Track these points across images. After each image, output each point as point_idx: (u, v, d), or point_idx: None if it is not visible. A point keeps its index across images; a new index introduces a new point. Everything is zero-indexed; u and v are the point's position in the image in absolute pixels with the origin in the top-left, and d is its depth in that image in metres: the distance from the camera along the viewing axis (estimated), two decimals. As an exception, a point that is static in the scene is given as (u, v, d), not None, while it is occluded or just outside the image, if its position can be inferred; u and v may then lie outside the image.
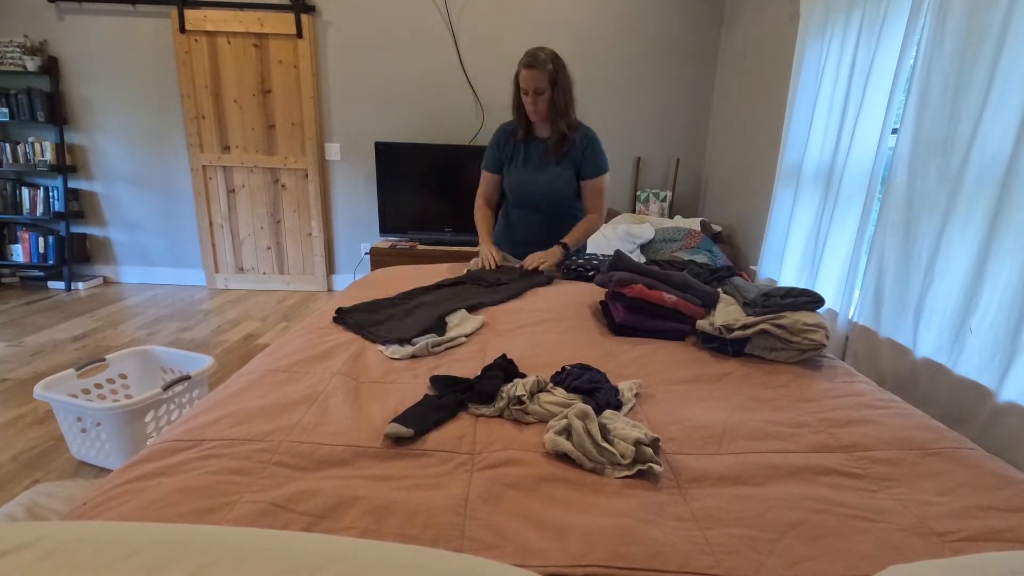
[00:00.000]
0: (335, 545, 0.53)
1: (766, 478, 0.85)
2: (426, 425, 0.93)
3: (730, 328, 1.33)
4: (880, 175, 2.03)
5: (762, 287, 1.41)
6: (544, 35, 3.61)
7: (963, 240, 1.65)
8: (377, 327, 1.40)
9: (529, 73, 1.83)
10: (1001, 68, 1.53)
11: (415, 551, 0.54)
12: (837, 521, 0.75)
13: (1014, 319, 1.46)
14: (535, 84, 1.84)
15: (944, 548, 0.71)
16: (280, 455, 0.85)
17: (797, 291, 1.35)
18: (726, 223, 3.46)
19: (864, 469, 0.89)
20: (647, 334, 1.45)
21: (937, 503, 0.81)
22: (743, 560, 0.68)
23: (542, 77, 1.83)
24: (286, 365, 1.18)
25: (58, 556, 0.48)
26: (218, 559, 0.49)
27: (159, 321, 3.21)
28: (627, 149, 3.86)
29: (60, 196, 3.74)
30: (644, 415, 1.04)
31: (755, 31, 3.19)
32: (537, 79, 1.83)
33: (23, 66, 3.50)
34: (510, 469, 0.84)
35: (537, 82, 1.83)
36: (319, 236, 3.94)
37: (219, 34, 3.58)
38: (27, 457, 1.80)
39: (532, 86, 1.84)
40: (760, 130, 3.07)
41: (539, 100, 1.88)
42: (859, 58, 2.14)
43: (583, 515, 0.74)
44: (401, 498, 0.76)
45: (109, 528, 0.54)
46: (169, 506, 0.72)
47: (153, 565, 0.48)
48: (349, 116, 3.79)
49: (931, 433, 1.00)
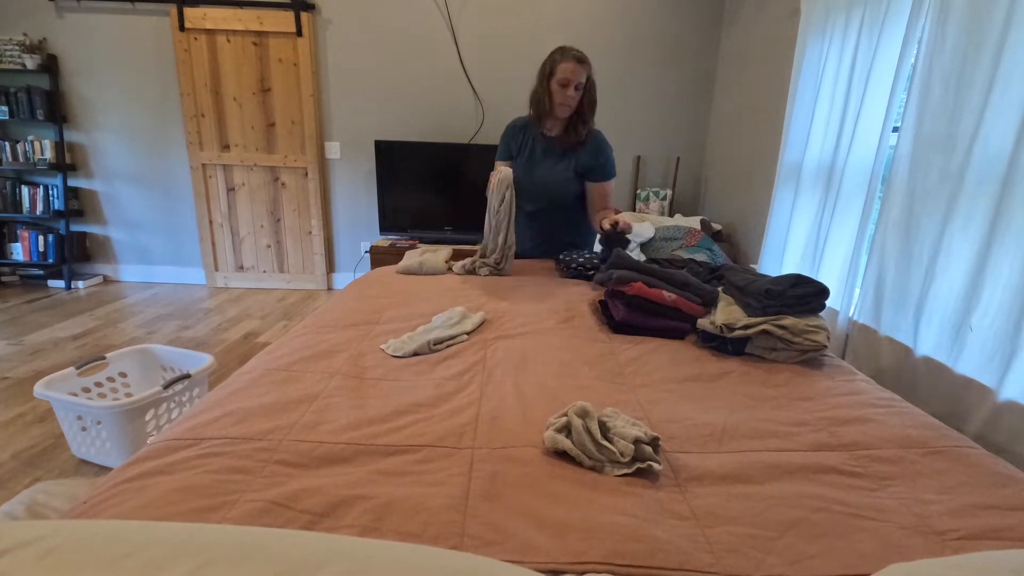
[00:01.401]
0: (335, 543, 0.53)
1: (766, 476, 0.85)
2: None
3: (731, 327, 1.32)
4: (881, 173, 2.03)
5: (759, 278, 1.40)
6: (545, 33, 3.61)
7: (964, 238, 1.64)
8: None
9: (579, 67, 1.88)
10: (1002, 66, 1.52)
11: (415, 549, 0.54)
12: (837, 519, 0.75)
13: (1014, 318, 1.46)
14: (580, 78, 1.89)
15: (944, 547, 0.71)
16: (280, 453, 0.85)
17: (802, 283, 1.33)
18: (726, 221, 3.46)
19: (864, 467, 0.89)
20: (647, 332, 1.45)
21: (937, 501, 0.81)
22: (743, 558, 0.68)
23: (585, 73, 1.90)
24: (286, 364, 1.18)
25: (58, 555, 0.48)
26: (218, 558, 0.49)
27: (159, 320, 3.21)
28: (627, 148, 3.86)
29: (60, 195, 3.74)
30: (644, 413, 1.04)
31: (755, 29, 3.18)
32: (582, 73, 1.89)
33: (22, 64, 3.50)
34: (510, 467, 0.84)
35: (581, 76, 1.89)
36: (319, 235, 3.94)
37: (219, 32, 3.58)
38: (27, 455, 1.80)
39: (577, 79, 1.89)
40: (760, 128, 3.07)
41: (578, 95, 1.93)
42: (860, 56, 2.14)
43: (583, 512, 0.74)
44: (401, 496, 0.76)
45: (109, 527, 0.54)
46: (169, 504, 0.72)
47: (153, 564, 0.48)
48: (349, 114, 3.79)
49: (931, 431, 1.00)
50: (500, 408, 1.03)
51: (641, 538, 0.70)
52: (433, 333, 1.35)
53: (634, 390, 1.15)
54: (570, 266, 1.99)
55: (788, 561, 0.68)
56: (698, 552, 0.69)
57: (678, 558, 0.67)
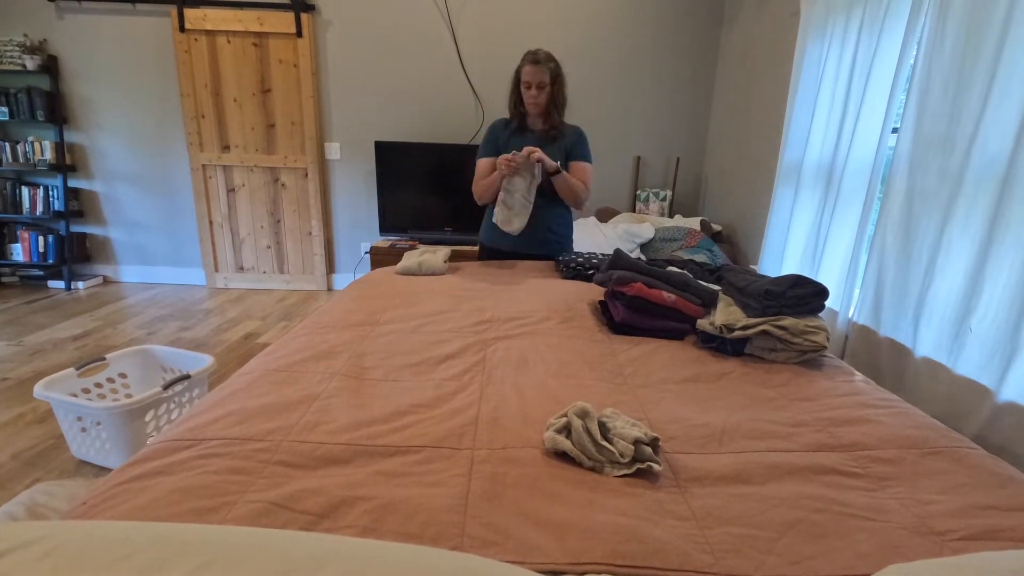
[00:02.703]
0: (334, 544, 0.53)
1: (766, 477, 0.85)
2: None
3: (731, 328, 1.33)
4: (880, 174, 2.03)
5: (759, 279, 1.40)
6: (544, 33, 3.61)
7: (963, 239, 1.64)
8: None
9: (534, 68, 2.02)
10: (1002, 67, 1.52)
11: (413, 550, 0.54)
12: (837, 520, 0.75)
13: (1014, 318, 1.46)
14: (539, 78, 2.02)
15: (943, 547, 0.71)
16: (280, 454, 0.85)
17: (801, 284, 1.33)
18: (726, 222, 3.46)
19: (864, 468, 0.89)
20: (647, 333, 1.45)
21: (937, 502, 0.81)
22: (743, 559, 0.68)
23: (545, 73, 2.02)
24: (286, 364, 1.18)
25: (58, 556, 0.48)
26: (217, 558, 0.49)
27: (159, 320, 3.21)
28: (627, 148, 3.86)
29: (60, 195, 3.74)
30: (644, 414, 1.04)
31: (755, 29, 3.19)
32: (540, 74, 2.02)
33: (23, 65, 3.50)
34: (510, 468, 0.84)
35: (540, 76, 2.02)
36: (319, 235, 3.94)
37: (219, 33, 3.58)
38: (27, 456, 1.80)
39: (536, 80, 2.02)
40: (760, 129, 3.07)
41: (541, 94, 2.05)
42: (860, 56, 2.14)
43: (583, 513, 0.74)
44: (401, 497, 0.76)
45: (109, 527, 0.54)
46: (168, 505, 0.72)
47: (153, 565, 0.48)
48: (349, 115, 3.79)
49: (930, 432, 1.00)
50: (500, 409, 1.03)
51: (641, 539, 0.70)
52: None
53: (634, 390, 1.15)
54: (569, 266, 2.00)
55: (788, 561, 0.68)
56: (698, 553, 0.69)
57: (678, 559, 0.67)
